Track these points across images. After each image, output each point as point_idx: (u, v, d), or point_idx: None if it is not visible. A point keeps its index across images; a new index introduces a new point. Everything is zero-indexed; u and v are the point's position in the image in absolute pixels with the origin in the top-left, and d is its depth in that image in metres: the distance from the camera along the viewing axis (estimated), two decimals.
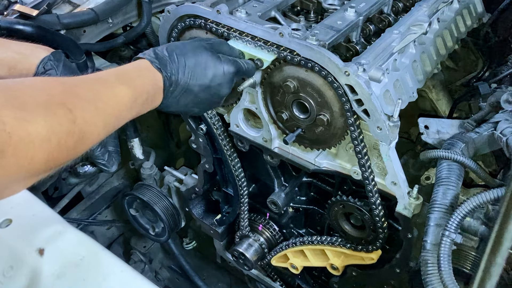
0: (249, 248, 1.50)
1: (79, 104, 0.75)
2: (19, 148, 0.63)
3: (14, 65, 1.02)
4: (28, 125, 0.64)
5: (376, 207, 1.14)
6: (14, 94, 0.67)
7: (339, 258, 1.33)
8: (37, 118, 0.66)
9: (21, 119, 0.64)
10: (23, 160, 0.64)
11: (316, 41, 1.02)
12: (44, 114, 0.67)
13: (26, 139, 0.63)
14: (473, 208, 0.92)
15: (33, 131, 0.65)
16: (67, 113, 0.71)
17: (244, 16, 1.12)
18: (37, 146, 0.65)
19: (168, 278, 2.06)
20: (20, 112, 0.64)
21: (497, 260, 0.59)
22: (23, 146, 0.63)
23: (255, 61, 1.08)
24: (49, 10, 1.51)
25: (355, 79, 0.96)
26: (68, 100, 0.73)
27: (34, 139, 0.65)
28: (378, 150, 1.08)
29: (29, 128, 0.64)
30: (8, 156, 0.62)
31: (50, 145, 0.67)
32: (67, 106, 0.72)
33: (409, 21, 1.16)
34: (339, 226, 1.28)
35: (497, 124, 1.08)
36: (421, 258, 0.96)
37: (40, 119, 0.66)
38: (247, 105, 1.21)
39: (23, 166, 0.64)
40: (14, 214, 0.91)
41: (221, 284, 2.00)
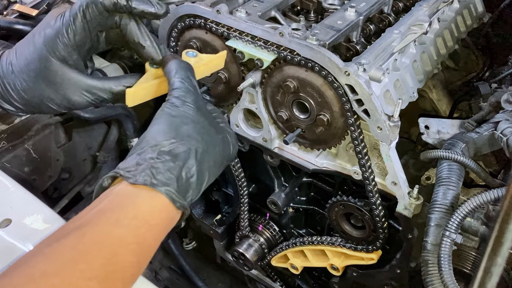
0: (249, 248, 1.50)
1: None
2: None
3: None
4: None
5: (377, 207, 1.14)
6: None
7: (339, 258, 1.33)
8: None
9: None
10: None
11: (316, 41, 1.02)
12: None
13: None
14: (474, 208, 0.92)
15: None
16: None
17: (244, 16, 1.11)
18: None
19: (168, 278, 2.06)
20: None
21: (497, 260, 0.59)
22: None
23: (255, 61, 1.08)
24: (48, 10, 1.51)
25: (355, 79, 0.96)
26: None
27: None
28: (378, 150, 1.08)
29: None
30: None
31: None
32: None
33: (410, 21, 1.16)
34: (339, 227, 1.28)
35: (497, 124, 1.07)
36: (422, 258, 0.96)
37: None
38: (247, 105, 1.21)
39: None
40: (13, 214, 0.91)
41: (221, 285, 2.00)
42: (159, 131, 0.79)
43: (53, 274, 0.62)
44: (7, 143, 1.46)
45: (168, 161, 0.75)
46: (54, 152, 1.62)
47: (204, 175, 0.79)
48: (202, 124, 0.83)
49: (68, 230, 0.69)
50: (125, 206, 0.71)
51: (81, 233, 0.68)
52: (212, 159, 0.82)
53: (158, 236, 0.74)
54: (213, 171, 0.83)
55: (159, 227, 0.73)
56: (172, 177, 0.73)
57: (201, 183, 0.79)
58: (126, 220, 0.70)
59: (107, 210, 0.71)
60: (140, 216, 0.71)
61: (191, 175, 0.76)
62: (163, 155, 0.75)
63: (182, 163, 0.76)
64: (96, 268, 0.65)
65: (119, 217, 0.70)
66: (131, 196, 0.72)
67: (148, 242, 0.72)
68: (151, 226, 0.72)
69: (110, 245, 0.67)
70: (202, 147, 0.80)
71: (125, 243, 0.68)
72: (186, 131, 0.80)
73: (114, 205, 0.72)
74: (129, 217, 0.70)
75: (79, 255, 0.65)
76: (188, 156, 0.77)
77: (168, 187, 0.73)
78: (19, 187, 0.97)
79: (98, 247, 0.66)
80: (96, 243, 0.67)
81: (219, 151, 0.85)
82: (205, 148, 0.81)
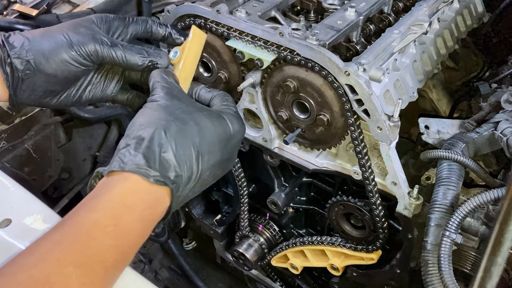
0: (249, 248, 1.50)
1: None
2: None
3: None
4: None
5: (376, 207, 1.14)
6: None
7: (339, 259, 1.33)
8: None
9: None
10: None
11: (316, 41, 1.02)
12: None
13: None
14: (474, 208, 0.92)
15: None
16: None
17: (244, 16, 1.11)
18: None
19: (168, 278, 2.06)
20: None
21: (497, 260, 0.59)
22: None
23: (255, 61, 1.08)
24: (48, 10, 1.51)
25: (355, 79, 0.96)
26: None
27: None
28: (378, 150, 1.08)
29: None
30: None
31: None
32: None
33: (410, 21, 1.16)
34: (339, 227, 1.28)
35: (497, 124, 1.07)
36: (422, 258, 0.96)
37: None
38: (247, 105, 1.21)
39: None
40: (13, 214, 0.91)
41: (221, 285, 2.00)
42: (131, 124, 0.81)
43: (32, 266, 0.64)
44: (7, 143, 1.46)
45: (134, 143, 0.75)
46: (54, 152, 1.62)
47: (187, 149, 0.79)
48: (176, 106, 0.83)
49: (53, 227, 0.71)
50: (101, 193, 0.73)
51: (60, 225, 0.70)
52: (196, 135, 0.81)
53: (138, 217, 0.73)
54: (206, 147, 0.82)
55: (138, 207, 0.73)
56: (139, 155, 0.74)
57: (187, 159, 0.78)
58: (100, 204, 0.71)
59: (85, 201, 0.73)
60: (115, 199, 0.72)
61: (164, 151, 0.75)
62: (130, 140, 0.76)
63: (148, 142, 0.75)
64: (71, 254, 0.66)
65: (94, 204, 0.72)
66: (106, 184, 0.74)
67: (126, 223, 0.72)
68: (127, 207, 0.72)
69: (86, 230, 0.68)
70: (176, 125, 0.79)
71: (101, 226, 0.69)
72: (155, 115, 0.80)
73: (91, 196, 0.74)
74: (104, 201, 0.71)
75: (55, 244, 0.67)
76: (154, 134, 0.76)
77: (136, 165, 0.73)
78: (19, 187, 0.97)
79: (74, 234, 0.68)
80: (72, 231, 0.68)
81: (208, 127, 0.84)
82: (181, 125, 0.80)
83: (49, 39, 0.88)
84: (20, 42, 0.88)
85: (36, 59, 0.87)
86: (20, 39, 0.88)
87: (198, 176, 0.81)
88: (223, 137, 0.87)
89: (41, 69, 0.88)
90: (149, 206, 0.74)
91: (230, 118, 0.90)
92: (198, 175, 0.81)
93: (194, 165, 0.80)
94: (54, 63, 0.88)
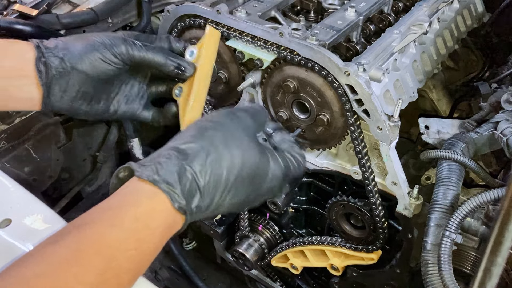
0: (249, 248, 1.50)
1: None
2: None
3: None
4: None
5: (376, 207, 1.14)
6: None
7: (339, 259, 1.33)
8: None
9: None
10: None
11: (316, 41, 1.02)
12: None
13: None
14: (474, 208, 0.92)
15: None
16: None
17: (244, 16, 1.11)
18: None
19: (168, 278, 2.06)
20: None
21: (497, 260, 0.59)
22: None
23: (255, 61, 1.08)
24: (48, 10, 1.51)
25: (355, 79, 0.96)
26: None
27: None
28: (378, 150, 1.08)
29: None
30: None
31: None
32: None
33: (410, 21, 1.16)
34: (339, 227, 1.28)
35: (497, 124, 1.07)
36: (422, 258, 0.96)
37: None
38: (247, 105, 1.21)
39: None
40: (13, 214, 0.91)
41: (221, 285, 2.00)
42: (183, 132, 0.78)
43: (46, 275, 0.61)
44: (7, 143, 1.46)
45: (175, 157, 0.72)
46: (54, 152, 1.62)
47: (218, 182, 0.75)
48: (232, 132, 0.79)
49: (69, 229, 0.67)
50: (126, 205, 0.69)
51: (80, 233, 0.66)
52: (234, 169, 0.76)
53: (158, 241, 0.71)
54: (238, 184, 0.77)
55: (160, 229, 0.70)
56: (175, 175, 0.70)
57: (214, 191, 0.74)
58: (125, 222, 0.67)
59: (109, 209, 0.69)
60: (141, 219, 0.68)
61: (197, 177, 0.72)
62: (172, 151, 0.73)
63: (189, 161, 0.72)
64: (91, 273, 0.62)
65: (119, 218, 0.68)
66: (133, 193, 0.70)
67: (147, 247, 0.69)
68: (151, 230, 0.69)
69: (107, 249, 0.65)
70: (220, 153, 0.75)
71: (123, 248, 0.66)
72: (208, 133, 0.77)
73: (116, 203, 0.70)
74: (129, 219, 0.68)
75: (74, 257, 0.63)
76: (197, 155, 0.73)
77: (168, 184, 0.70)
78: (19, 187, 0.96)
79: (95, 250, 0.64)
80: (93, 245, 0.64)
81: (250, 164, 0.78)
82: (225, 154, 0.75)
83: (82, 41, 0.91)
84: (54, 43, 0.90)
85: (70, 57, 0.89)
86: (54, 41, 0.91)
87: (214, 208, 0.78)
88: (260, 179, 0.81)
89: (74, 67, 0.89)
90: (168, 227, 0.72)
91: (273, 158, 0.83)
92: (214, 208, 0.78)
93: (217, 197, 0.76)
94: (87, 59, 0.89)
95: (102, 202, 0.71)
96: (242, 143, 0.78)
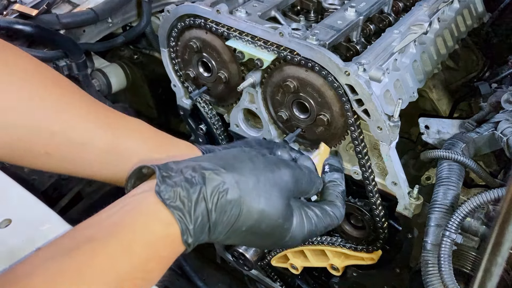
0: (249, 248, 1.50)
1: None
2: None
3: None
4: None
5: (377, 207, 1.14)
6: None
7: (339, 259, 1.33)
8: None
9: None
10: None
11: (316, 40, 1.02)
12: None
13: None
14: (474, 208, 0.92)
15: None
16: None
17: (244, 16, 1.11)
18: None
19: (168, 278, 2.06)
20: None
21: (497, 261, 0.59)
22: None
23: (255, 61, 1.08)
24: (48, 10, 1.51)
25: (355, 79, 0.96)
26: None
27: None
28: (378, 150, 1.07)
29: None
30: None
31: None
32: None
33: (410, 21, 1.16)
34: (339, 227, 1.28)
35: (497, 124, 1.07)
36: (422, 258, 0.96)
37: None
38: (247, 105, 1.21)
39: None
40: (13, 214, 0.91)
41: (221, 285, 2.00)
42: (219, 157, 0.73)
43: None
44: None
45: (197, 182, 0.68)
46: None
47: (229, 225, 0.71)
48: (264, 183, 0.73)
49: (79, 240, 0.64)
50: (141, 226, 0.65)
51: (91, 252, 0.62)
52: (250, 220, 0.72)
53: (164, 268, 0.69)
54: (248, 235, 0.73)
55: (168, 258, 0.68)
56: (191, 203, 0.67)
57: (222, 230, 0.70)
58: (138, 250, 0.64)
59: (122, 227, 0.65)
60: (153, 247, 0.66)
61: (212, 212, 0.68)
62: (197, 175, 0.68)
63: (208, 191, 0.68)
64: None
65: (131, 241, 0.64)
66: (149, 215, 0.67)
67: (153, 276, 0.68)
68: (161, 259, 0.67)
69: (116, 277, 0.62)
70: (242, 198, 0.70)
71: (131, 276, 0.64)
72: (242, 171, 0.72)
73: (130, 219, 0.66)
74: (142, 246, 0.65)
75: (83, 283, 0.60)
76: (219, 187, 0.69)
77: (183, 215, 0.66)
78: (19, 187, 0.96)
79: (104, 277, 0.62)
80: (103, 271, 0.62)
81: (268, 222, 0.73)
82: (247, 201, 0.71)
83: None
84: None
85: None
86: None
87: (218, 241, 0.74)
88: (272, 240, 0.77)
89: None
90: (174, 255, 0.70)
91: (298, 209, 0.79)
92: (218, 241, 0.74)
93: (222, 236, 0.72)
94: None
95: (115, 208, 0.69)
96: (269, 199, 0.73)
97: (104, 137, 0.80)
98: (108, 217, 0.67)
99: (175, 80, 1.34)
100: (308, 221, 0.79)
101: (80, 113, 0.80)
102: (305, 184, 0.81)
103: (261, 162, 0.76)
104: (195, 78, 1.27)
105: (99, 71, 1.82)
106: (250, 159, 0.75)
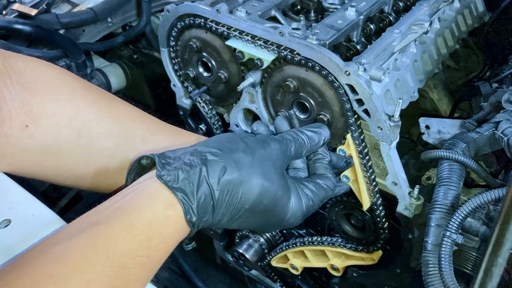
0: (249, 248, 1.50)
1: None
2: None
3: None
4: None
5: (377, 208, 1.13)
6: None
7: (340, 259, 1.33)
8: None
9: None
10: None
11: (317, 40, 1.01)
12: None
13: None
14: (474, 209, 0.92)
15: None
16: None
17: (244, 15, 1.11)
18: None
19: (167, 278, 2.06)
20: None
21: (498, 261, 0.58)
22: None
23: (255, 61, 1.08)
24: (48, 10, 1.51)
25: (356, 78, 0.96)
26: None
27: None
28: (378, 150, 1.07)
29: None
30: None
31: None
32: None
33: (410, 21, 1.16)
34: (340, 227, 1.28)
35: (498, 124, 1.07)
36: (422, 258, 0.96)
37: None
38: (247, 105, 1.21)
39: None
40: (13, 214, 0.91)
41: (221, 285, 2.00)
42: (215, 141, 0.76)
43: (59, 279, 0.60)
44: None
45: (197, 165, 0.70)
46: None
47: (232, 205, 0.73)
48: (260, 160, 0.77)
49: (84, 225, 0.66)
50: (143, 209, 0.67)
51: (95, 235, 0.64)
52: (251, 197, 0.74)
53: (168, 248, 0.70)
54: (251, 213, 0.75)
55: (171, 238, 0.69)
56: (193, 185, 0.68)
57: (225, 211, 0.72)
58: (139, 227, 0.66)
59: (125, 210, 0.67)
60: (155, 226, 0.67)
61: (215, 193, 0.70)
62: (196, 158, 0.71)
63: (209, 174, 0.70)
64: (102, 281, 0.62)
65: (134, 223, 0.66)
66: (151, 197, 0.68)
67: (158, 255, 0.69)
68: (164, 238, 0.68)
69: (120, 256, 0.64)
70: (242, 176, 0.73)
71: (134, 254, 0.65)
72: (237, 154, 0.75)
73: (133, 204, 0.68)
74: (144, 224, 0.66)
75: (88, 263, 0.62)
76: (219, 170, 0.71)
77: (186, 195, 0.68)
78: (19, 187, 0.96)
79: (108, 256, 0.63)
80: (107, 251, 0.63)
81: (270, 198, 0.76)
82: (247, 180, 0.73)
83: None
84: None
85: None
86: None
87: (222, 225, 0.77)
88: (275, 216, 0.80)
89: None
90: (178, 236, 0.72)
91: (296, 191, 0.82)
92: (222, 224, 0.76)
93: (226, 217, 0.74)
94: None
95: (118, 196, 0.70)
96: (266, 174, 0.76)
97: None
98: (112, 204, 0.69)
99: (175, 80, 1.34)
100: (305, 197, 0.84)
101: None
102: (294, 150, 0.88)
103: (251, 142, 0.80)
104: (195, 78, 1.27)
105: (98, 71, 1.82)
106: (242, 139, 0.80)
